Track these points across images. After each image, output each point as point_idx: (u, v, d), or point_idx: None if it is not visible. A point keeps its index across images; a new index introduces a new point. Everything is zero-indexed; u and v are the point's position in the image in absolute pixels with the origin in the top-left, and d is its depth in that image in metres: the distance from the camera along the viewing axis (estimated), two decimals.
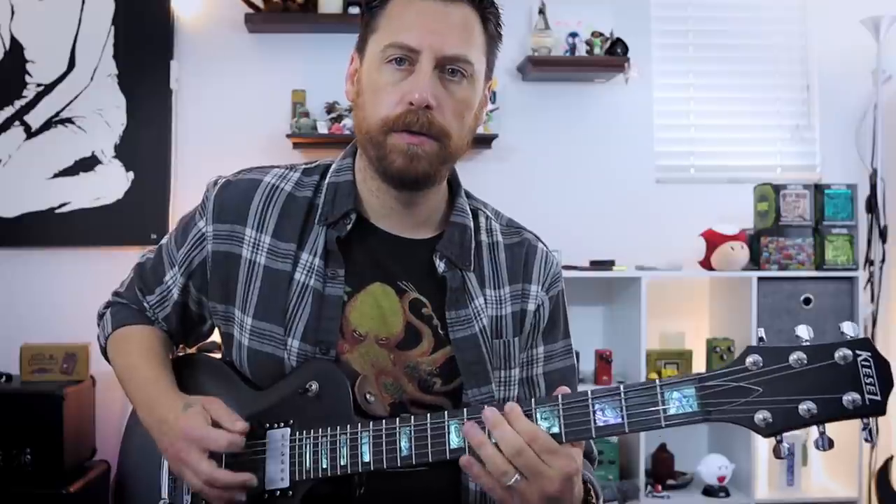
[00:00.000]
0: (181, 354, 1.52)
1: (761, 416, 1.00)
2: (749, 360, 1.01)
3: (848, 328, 0.99)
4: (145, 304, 1.46)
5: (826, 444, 0.98)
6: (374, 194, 1.34)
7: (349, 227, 1.33)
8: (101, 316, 1.52)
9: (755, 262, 3.63)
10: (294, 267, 1.32)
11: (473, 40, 1.27)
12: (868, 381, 0.96)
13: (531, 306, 1.39)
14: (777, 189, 3.63)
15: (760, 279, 3.54)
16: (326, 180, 1.37)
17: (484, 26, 1.29)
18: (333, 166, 1.39)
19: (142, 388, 1.36)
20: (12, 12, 3.70)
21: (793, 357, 0.99)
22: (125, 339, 1.45)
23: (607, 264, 3.65)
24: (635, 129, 3.96)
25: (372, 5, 1.29)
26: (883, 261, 3.85)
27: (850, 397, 0.96)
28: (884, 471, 3.66)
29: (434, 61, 1.24)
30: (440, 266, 1.33)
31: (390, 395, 1.31)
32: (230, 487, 1.21)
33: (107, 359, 1.50)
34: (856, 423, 0.98)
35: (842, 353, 0.97)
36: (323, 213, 1.34)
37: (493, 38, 1.32)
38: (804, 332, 1.01)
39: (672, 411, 1.04)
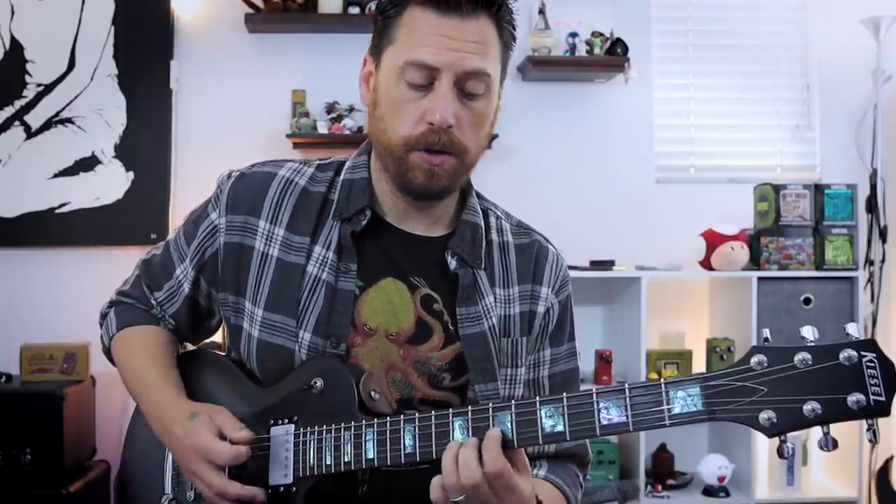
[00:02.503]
0: (185, 351, 1.52)
1: (766, 415, 1.00)
2: (754, 359, 1.01)
3: (853, 329, 0.99)
4: (153, 301, 1.46)
5: (830, 444, 0.98)
6: (388, 196, 1.36)
7: (364, 223, 1.34)
8: (104, 315, 1.52)
9: (755, 262, 3.63)
10: (307, 260, 1.33)
11: (490, 52, 1.27)
12: (873, 382, 0.96)
13: (540, 308, 1.40)
14: (777, 189, 3.63)
15: (760, 279, 3.54)
16: (341, 177, 1.38)
17: (499, 34, 1.29)
18: (348, 163, 1.40)
19: (149, 395, 1.37)
20: (12, 12, 3.70)
21: (798, 357, 0.99)
22: (130, 341, 1.45)
23: (607, 264, 3.65)
24: (635, 129, 3.96)
25: (387, 13, 1.28)
26: (883, 261, 3.85)
27: (854, 398, 0.96)
28: (884, 471, 3.66)
29: (453, 79, 1.23)
30: (452, 263, 1.34)
31: (399, 391, 1.32)
32: (240, 498, 1.23)
33: (110, 359, 1.50)
34: (856, 423, 0.98)
35: (847, 353, 0.97)
36: (338, 208, 1.35)
37: (507, 44, 1.32)
38: (809, 332, 1.00)
39: (676, 410, 1.04)
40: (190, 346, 1.56)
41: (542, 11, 3.78)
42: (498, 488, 1.11)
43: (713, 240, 3.59)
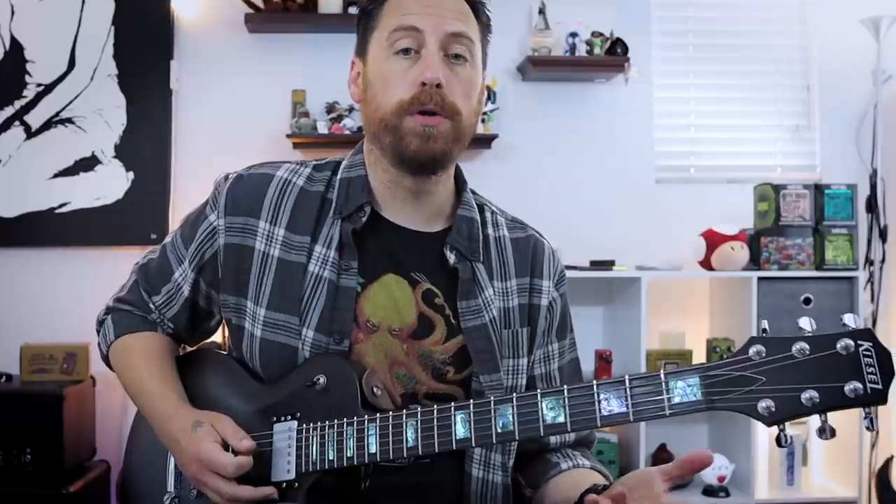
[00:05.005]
0: (187, 351, 1.52)
1: (764, 404, 1.01)
2: (752, 349, 1.03)
3: (849, 319, 1.00)
4: (151, 306, 1.46)
5: (829, 432, 0.99)
6: (386, 186, 1.37)
7: (364, 219, 1.35)
8: (100, 323, 1.52)
9: (755, 262, 3.63)
10: (308, 259, 1.34)
11: (471, 22, 1.34)
12: (869, 370, 0.97)
13: (543, 301, 1.43)
14: (777, 189, 3.63)
15: (760, 279, 3.54)
16: (338, 176, 1.39)
17: (476, 15, 1.36)
18: (344, 163, 1.42)
19: (151, 404, 1.38)
20: (12, 12, 3.71)
21: (795, 347, 1.01)
22: (129, 349, 1.45)
23: (607, 264, 3.65)
24: (635, 129, 3.97)
25: (367, 8, 1.35)
26: (883, 261, 3.85)
27: (851, 386, 0.97)
28: (884, 471, 3.66)
29: (438, 41, 1.29)
30: (451, 258, 1.36)
31: (403, 386, 1.33)
32: (253, 500, 1.24)
33: (109, 366, 1.50)
34: (855, 423, 0.99)
35: (844, 343, 0.98)
36: (337, 206, 1.36)
37: (485, 27, 1.38)
38: (806, 323, 1.02)
39: (676, 400, 1.05)
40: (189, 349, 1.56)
41: (542, 11, 3.79)
42: None
43: (713, 240, 3.59)
